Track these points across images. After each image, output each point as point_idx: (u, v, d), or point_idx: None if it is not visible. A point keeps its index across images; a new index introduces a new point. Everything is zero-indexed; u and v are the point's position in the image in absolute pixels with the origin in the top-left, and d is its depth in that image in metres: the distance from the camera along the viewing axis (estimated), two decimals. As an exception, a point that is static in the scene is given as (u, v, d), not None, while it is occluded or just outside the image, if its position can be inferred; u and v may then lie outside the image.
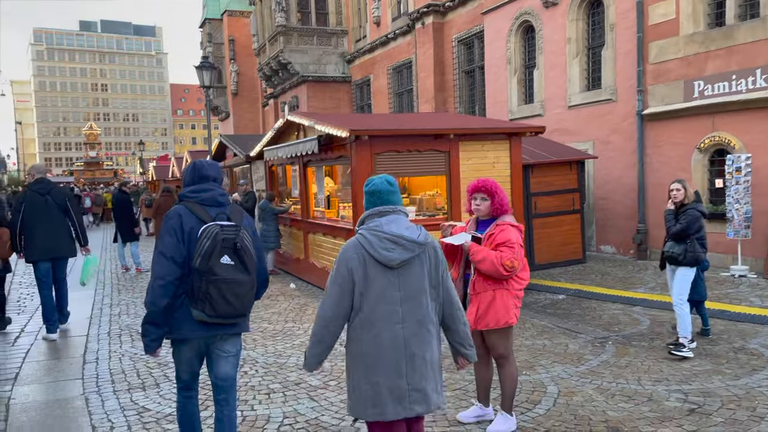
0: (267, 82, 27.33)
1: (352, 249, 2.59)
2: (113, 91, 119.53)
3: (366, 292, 2.55)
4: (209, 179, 3.09)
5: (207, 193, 3.03)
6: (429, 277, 2.64)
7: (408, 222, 2.67)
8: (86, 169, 62.10)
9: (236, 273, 2.84)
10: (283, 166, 10.76)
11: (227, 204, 3.09)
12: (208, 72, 12.70)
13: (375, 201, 2.69)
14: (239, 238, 2.89)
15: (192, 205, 2.99)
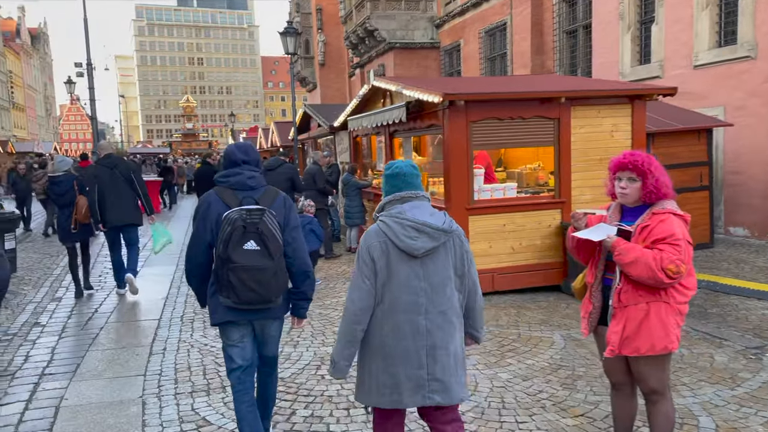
0: (353, 50, 26.70)
1: (374, 237, 2.48)
2: (208, 65, 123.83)
3: (388, 281, 2.45)
4: (239, 163, 3.06)
5: (235, 177, 3.01)
6: (454, 266, 2.52)
7: (432, 208, 2.54)
8: (183, 140, 64.61)
9: (258, 259, 2.79)
10: (368, 136, 10.00)
11: (258, 187, 3.04)
12: (292, 38, 12.11)
13: (398, 184, 2.54)
14: (263, 222, 2.83)
15: (222, 191, 2.99)
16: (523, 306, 6.21)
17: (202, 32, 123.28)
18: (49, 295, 7.16)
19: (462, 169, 6.32)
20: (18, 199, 13.16)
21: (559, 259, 6.74)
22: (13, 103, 61.26)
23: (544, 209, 6.65)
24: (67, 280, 7.76)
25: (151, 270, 8.52)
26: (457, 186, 6.33)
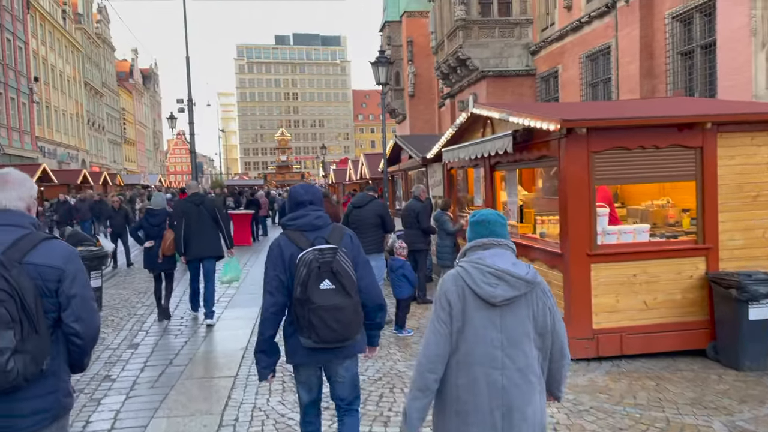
0: (444, 80, 26.20)
1: (451, 281, 2.40)
2: (303, 99, 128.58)
3: (464, 329, 2.33)
4: (305, 204, 3.11)
5: (303, 219, 3.07)
6: (534, 322, 2.34)
7: (514, 258, 2.42)
8: (277, 172, 66.67)
9: (336, 298, 2.82)
10: (464, 169, 9.17)
11: (325, 226, 3.08)
12: (384, 68, 11.62)
13: (481, 231, 2.45)
14: (336, 261, 2.86)
15: (291, 233, 3.04)
16: (662, 377, 5.05)
17: (298, 68, 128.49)
18: (127, 340, 6.82)
19: (582, 208, 5.34)
20: (113, 234, 12.82)
21: (704, 317, 5.53)
22: (125, 138, 65.95)
23: (685, 256, 5.49)
24: (148, 322, 7.48)
25: (232, 312, 8.06)
26: (577, 228, 5.34)
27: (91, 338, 2.24)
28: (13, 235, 2.14)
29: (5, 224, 2.17)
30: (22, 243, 2.13)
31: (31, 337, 2.04)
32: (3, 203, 2.20)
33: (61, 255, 2.17)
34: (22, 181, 2.28)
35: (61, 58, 44.33)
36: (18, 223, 2.18)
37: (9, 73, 32.90)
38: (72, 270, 2.18)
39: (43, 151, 38.14)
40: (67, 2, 47.59)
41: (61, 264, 2.16)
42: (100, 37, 57.58)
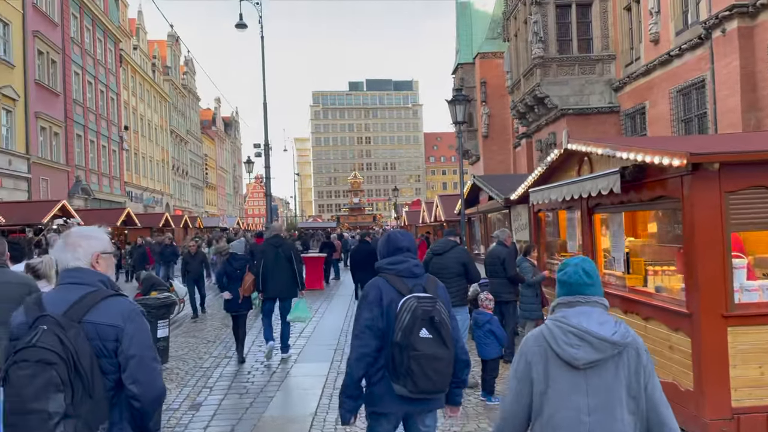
0: (520, 120, 25.47)
1: (533, 341, 2.28)
2: (375, 143, 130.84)
3: (547, 392, 2.19)
4: (403, 250, 3.12)
5: (403, 265, 3.07)
6: (627, 385, 2.15)
7: (605, 316, 2.22)
8: (350, 214, 67.26)
9: (436, 347, 2.81)
10: (554, 211, 8.34)
11: (422, 275, 3.10)
12: (461, 106, 11.09)
13: (565, 292, 2.29)
14: (436, 310, 2.87)
15: (390, 277, 3.04)
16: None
17: (371, 113, 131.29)
18: (190, 398, 6.32)
19: (714, 259, 4.44)
20: (188, 279, 12.14)
21: None
22: (206, 183, 68.75)
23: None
24: (214, 377, 7.03)
25: (302, 368, 7.47)
26: (708, 283, 4.44)
27: (151, 401, 2.12)
28: (77, 294, 2.11)
29: (72, 282, 2.16)
30: (84, 301, 2.10)
31: (84, 402, 1.97)
32: (70, 262, 2.19)
33: (120, 313, 2.11)
34: (86, 237, 2.26)
35: (150, 108, 46.97)
36: (84, 281, 2.16)
37: (101, 123, 35.00)
38: (131, 329, 2.11)
39: (130, 195, 40.07)
40: (157, 56, 50.76)
41: (119, 322, 2.09)
42: (186, 88, 60.91)
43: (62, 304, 2.08)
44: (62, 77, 29.21)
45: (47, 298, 2.14)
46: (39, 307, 2.09)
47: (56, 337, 1.96)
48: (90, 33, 33.72)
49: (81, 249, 2.22)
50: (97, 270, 2.23)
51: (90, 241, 2.26)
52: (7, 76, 23.48)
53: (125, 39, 40.84)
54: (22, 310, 2.13)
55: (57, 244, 2.30)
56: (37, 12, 26.46)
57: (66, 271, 2.20)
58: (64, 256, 2.22)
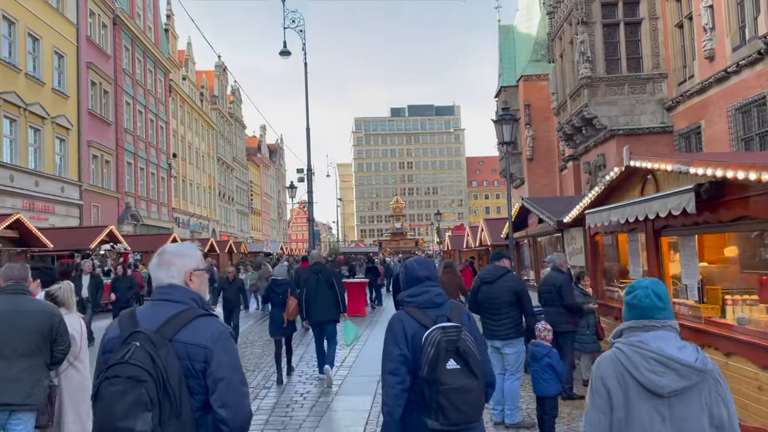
0: (567, 142, 24.82)
1: (609, 365, 2.16)
2: (417, 168, 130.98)
3: (626, 420, 2.09)
4: (422, 280, 3.06)
5: (423, 296, 3.02)
6: (709, 414, 2.06)
7: (680, 341, 2.14)
8: (392, 239, 67.01)
9: (464, 378, 2.73)
10: (613, 234, 7.81)
11: (444, 303, 3.04)
12: (508, 125, 10.70)
13: (634, 316, 2.20)
14: (461, 340, 2.79)
15: (411, 310, 2.98)
16: None
17: (413, 138, 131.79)
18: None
19: (809, 289, 3.92)
20: (225, 308, 11.60)
21: None
22: (251, 209, 69.83)
23: None
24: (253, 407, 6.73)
25: (342, 402, 7.11)
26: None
27: (239, 425, 2.07)
28: (169, 311, 2.10)
29: (165, 299, 2.15)
30: (176, 320, 2.08)
31: (171, 422, 1.95)
32: (164, 280, 2.19)
33: (211, 334, 2.08)
34: (180, 255, 2.25)
35: (198, 136, 48.16)
36: (176, 299, 2.15)
37: (151, 151, 35.98)
38: (220, 350, 2.07)
39: (177, 221, 40.89)
40: (205, 85, 52.20)
41: (209, 343, 2.06)
42: (233, 116, 62.37)
43: (155, 321, 2.08)
44: (114, 107, 30.20)
45: (141, 313, 2.14)
46: (133, 322, 2.09)
47: (148, 354, 1.95)
48: (141, 64, 34.90)
49: (174, 267, 2.21)
50: (190, 287, 2.21)
51: (183, 259, 2.25)
52: (62, 106, 24.37)
53: (174, 70, 42.15)
54: (116, 324, 2.13)
55: (151, 261, 2.28)
56: (90, 44, 27.52)
57: (159, 288, 2.19)
58: (158, 273, 2.22)
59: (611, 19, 20.57)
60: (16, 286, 3.43)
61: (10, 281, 3.43)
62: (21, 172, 21.21)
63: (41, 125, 22.70)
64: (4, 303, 3.36)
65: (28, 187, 21.68)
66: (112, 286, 12.07)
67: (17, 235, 12.43)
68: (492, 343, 5.94)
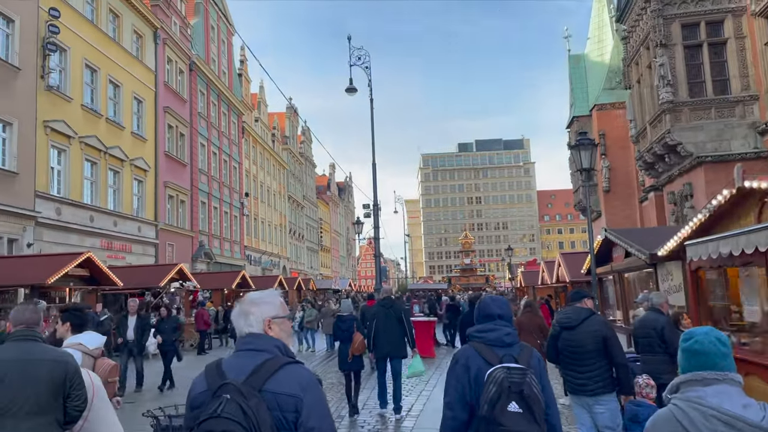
0: (647, 171, 23.35)
1: (665, 425, 1.99)
2: (486, 203, 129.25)
3: None
4: (494, 317, 3.02)
5: (493, 333, 2.98)
6: None
7: (744, 397, 1.96)
8: (461, 275, 65.63)
9: (525, 424, 2.63)
10: (720, 269, 6.79)
11: (514, 344, 2.96)
12: (587, 151, 9.86)
13: (695, 364, 2.02)
14: (526, 383, 2.70)
15: (478, 346, 2.96)
16: None
17: (481, 173, 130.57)
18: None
19: None
20: None
21: None
22: (321, 246, 70.55)
23: None
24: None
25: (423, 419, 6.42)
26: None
27: None
28: (255, 361, 2.07)
29: (248, 349, 2.13)
30: (263, 369, 2.05)
31: None
32: (244, 329, 2.18)
33: (299, 382, 2.06)
34: (257, 303, 2.23)
35: (269, 175, 49.33)
36: (260, 347, 2.13)
37: (224, 190, 36.98)
38: (310, 399, 2.05)
39: (249, 258, 41.59)
40: (276, 127, 53.72)
41: (298, 392, 2.03)
42: (303, 156, 63.77)
43: (242, 372, 2.04)
44: (189, 149, 31.30)
45: (226, 364, 2.11)
46: (220, 374, 2.06)
47: (239, 406, 1.92)
48: (215, 107, 36.24)
49: (252, 315, 2.20)
50: (270, 335, 2.17)
51: (261, 307, 2.22)
52: (140, 148, 25.40)
53: (247, 112, 43.58)
54: (203, 377, 2.10)
55: (234, 310, 2.28)
56: (168, 90, 28.77)
57: (242, 338, 2.19)
58: (239, 322, 2.21)
59: (693, 41, 19.36)
60: (26, 331, 3.01)
61: (20, 326, 3.03)
62: (101, 212, 22.05)
63: (120, 167, 23.66)
64: (11, 351, 2.94)
65: (107, 227, 22.49)
66: (157, 327, 11.38)
67: (88, 274, 12.62)
68: (578, 400, 5.07)
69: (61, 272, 11.01)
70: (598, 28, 34.66)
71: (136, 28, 25.71)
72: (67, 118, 19.96)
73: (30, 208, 17.77)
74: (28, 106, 17.94)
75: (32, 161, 18.01)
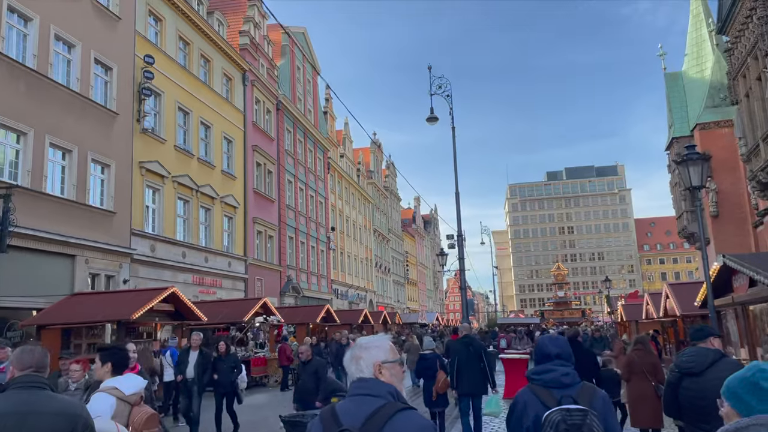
0: (763, 192, 21.10)
1: None
2: (578, 233, 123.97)
3: None
4: (551, 357, 2.94)
5: (549, 374, 2.90)
6: None
7: None
8: (555, 309, 62.72)
9: None
10: None
11: (574, 384, 2.86)
12: (697, 166, 8.71)
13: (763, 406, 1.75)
14: (587, 425, 2.62)
15: (536, 388, 2.88)
16: None
17: (572, 202, 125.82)
18: None
19: None
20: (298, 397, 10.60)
21: None
22: (407, 279, 69.99)
23: None
24: None
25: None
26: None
27: None
28: (369, 407, 2.07)
29: (361, 394, 2.13)
30: (378, 415, 2.04)
31: None
32: (355, 374, 2.21)
33: (414, 428, 2.04)
34: (366, 348, 2.25)
35: (355, 209, 49.75)
36: (372, 392, 2.12)
37: (311, 225, 37.50)
38: None
39: (336, 292, 41.71)
40: (361, 161, 54.39)
41: None
42: (388, 189, 64.07)
43: (357, 418, 2.04)
44: (277, 185, 32.04)
45: (341, 410, 2.11)
46: (336, 421, 2.07)
47: None
48: (302, 144, 37.11)
49: (362, 360, 2.22)
50: (381, 380, 2.17)
51: (370, 352, 2.23)
52: (229, 186, 26.20)
53: (333, 148, 44.38)
54: (318, 423, 2.12)
55: (346, 355, 2.30)
56: (256, 129, 29.72)
57: (354, 383, 2.20)
58: (350, 368, 2.23)
59: (811, 44, 17.45)
60: (31, 377, 2.57)
61: (25, 370, 2.60)
62: (192, 248, 22.74)
63: (211, 205, 24.44)
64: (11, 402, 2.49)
65: (199, 263, 23.14)
66: (213, 365, 10.08)
67: (173, 309, 12.73)
68: None
69: (145, 307, 11.12)
70: (695, 43, 32.53)
71: (225, 71, 26.85)
72: (161, 159, 20.87)
73: (126, 245, 18.52)
74: (125, 149, 18.89)
75: (128, 200, 18.86)
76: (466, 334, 8.82)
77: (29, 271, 14.39)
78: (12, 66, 14.65)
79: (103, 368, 3.28)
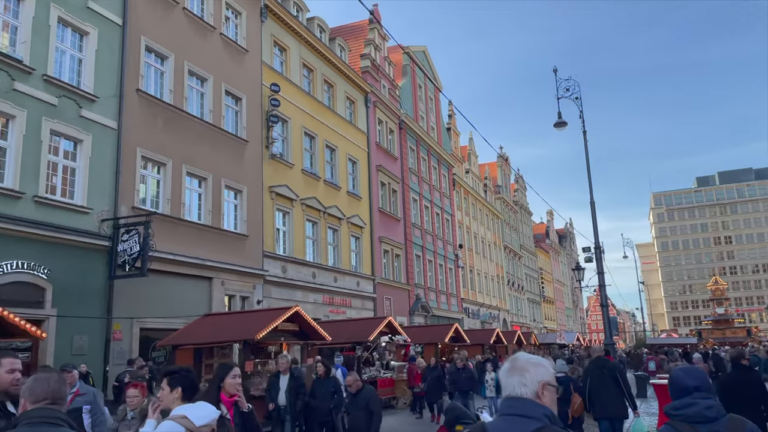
0: None
1: None
2: (738, 242, 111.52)
3: None
4: (690, 390, 2.74)
5: (691, 408, 2.70)
6: None
7: None
8: (714, 327, 56.46)
9: None
10: None
11: (719, 417, 2.65)
12: None
13: None
14: None
15: (677, 424, 2.70)
16: None
17: (728, 209, 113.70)
18: None
19: None
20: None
21: None
22: (543, 297, 66.82)
23: None
24: None
25: None
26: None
27: None
28: (524, 428, 1.97)
29: (515, 414, 2.03)
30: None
31: None
32: (516, 388, 2.09)
33: None
34: (535, 363, 2.14)
35: (483, 226, 48.49)
36: (528, 414, 2.01)
37: (438, 243, 36.97)
38: None
39: (467, 311, 40.64)
40: (488, 176, 53.09)
41: None
42: (518, 204, 61.93)
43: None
44: (402, 204, 31.99)
45: (492, 429, 2.05)
46: None
47: None
48: (426, 162, 36.89)
49: (528, 374, 2.10)
50: (541, 401, 2.06)
51: (539, 368, 2.12)
52: (355, 206, 26.50)
53: (458, 164, 43.74)
54: None
55: (503, 366, 2.19)
56: (379, 149, 29.95)
57: (508, 401, 2.08)
58: (511, 379, 2.11)
59: None
60: (45, 412, 2.18)
61: (38, 402, 2.22)
62: (322, 269, 23.16)
63: (338, 225, 24.82)
64: None
65: (328, 283, 23.49)
66: (311, 389, 9.15)
67: (297, 328, 12.76)
68: None
69: (269, 327, 11.18)
70: None
71: (348, 94, 27.40)
72: (289, 183, 21.56)
73: (259, 267, 19.21)
74: (256, 174, 19.72)
75: (260, 224, 19.60)
76: (598, 356, 8.89)
77: (171, 293, 15.29)
78: (150, 102, 15.84)
79: (172, 393, 2.96)
